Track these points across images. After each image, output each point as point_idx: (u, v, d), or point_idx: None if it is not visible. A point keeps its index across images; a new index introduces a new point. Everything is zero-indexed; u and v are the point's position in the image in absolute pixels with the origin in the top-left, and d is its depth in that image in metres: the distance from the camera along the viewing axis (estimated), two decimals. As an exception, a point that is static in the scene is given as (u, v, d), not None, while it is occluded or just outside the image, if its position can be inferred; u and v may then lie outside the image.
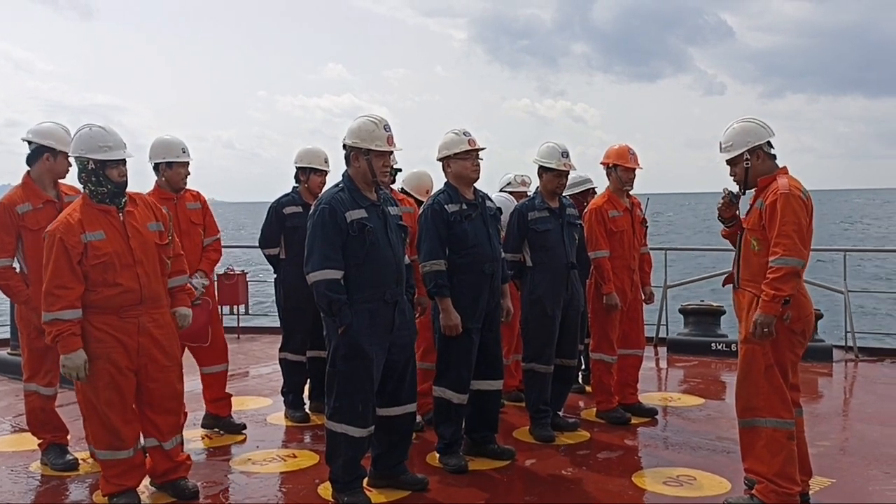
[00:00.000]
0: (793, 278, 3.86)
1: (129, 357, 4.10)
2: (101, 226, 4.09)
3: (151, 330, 4.16)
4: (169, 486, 4.36)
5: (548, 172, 5.43)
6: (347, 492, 4.18)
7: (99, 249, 4.03)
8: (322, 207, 4.17)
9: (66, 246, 3.98)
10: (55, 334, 3.96)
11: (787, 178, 4.02)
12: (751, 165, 4.12)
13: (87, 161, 4.11)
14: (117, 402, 4.10)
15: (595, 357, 5.92)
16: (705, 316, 8.99)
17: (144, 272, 4.14)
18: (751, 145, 4.11)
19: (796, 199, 3.91)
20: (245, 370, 8.02)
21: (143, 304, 4.13)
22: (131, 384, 4.15)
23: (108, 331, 4.06)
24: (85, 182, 4.15)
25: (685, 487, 4.47)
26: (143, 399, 4.21)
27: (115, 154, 4.14)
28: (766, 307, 3.88)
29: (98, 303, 4.04)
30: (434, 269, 4.69)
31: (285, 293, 6.05)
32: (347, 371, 4.13)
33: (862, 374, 7.80)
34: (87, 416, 4.20)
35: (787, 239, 3.86)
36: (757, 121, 4.18)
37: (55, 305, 3.95)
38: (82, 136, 4.16)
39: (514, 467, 4.85)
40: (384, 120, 4.30)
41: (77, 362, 3.96)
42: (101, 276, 4.03)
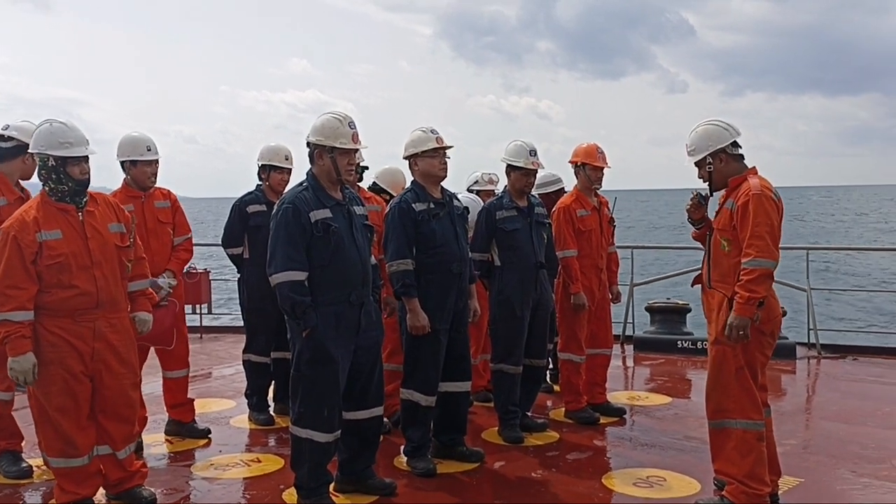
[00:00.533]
0: (766, 280, 3.84)
1: (83, 362, 3.95)
2: (58, 225, 3.93)
3: (108, 335, 4.02)
4: (124, 495, 4.21)
5: (516, 171, 5.37)
6: (313, 498, 4.08)
7: (54, 249, 3.87)
8: (285, 207, 4.05)
9: (20, 244, 3.82)
10: (3, 335, 3.80)
11: (757, 178, 4.00)
12: (713, 169, 4.11)
13: (47, 158, 3.96)
14: (71, 408, 3.95)
15: (563, 357, 5.87)
16: (671, 314, 9.01)
17: (102, 275, 3.99)
18: (712, 149, 4.09)
19: (768, 200, 3.88)
20: (208, 371, 7.86)
21: (99, 307, 3.98)
22: (86, 390, 4.00)
23: (62, 335, 3.91)
24: (45, 179, 3.99)
25: (655, 489, 4.44)
26: (97, 405, 4.06)
27: (76, 151, 3.98)
28: (741, 309, 3.85)
29: (52, 305, 3.89)
30: (401, 268, 4.61)
31: (249, 293, 5.92)
32: (312, 375, 4.03)
33: (825, 372, 7.88)
34: (38, 422, 4.04)
35: (759, 240, 3.83)
36: (720, 123, 4.14)
37: (6, 306, 3.79)
38: (42, 132, 4.00)
39: (483, 470, 4.79)
40: (349, 117, 4.19)
41: (25, 366, 3.80)
42: (56, 277, 3.87)
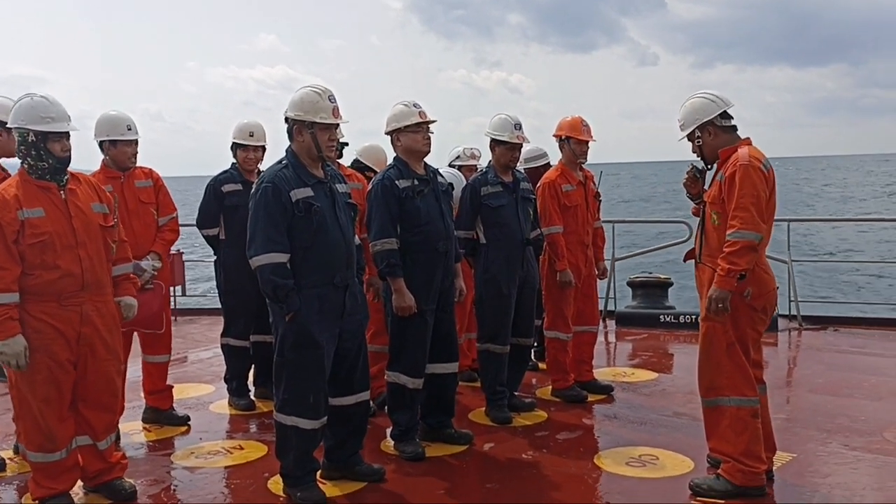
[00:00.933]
0: (749, 252, 3.75)
1: (69, 349, 3.79)
2: (40, 203, 3.75)
3: (94, 319, 3.85)
4: (103, 487, 4.06)
5: (500, 146, 5.23)
6: (300, 486, 3.96)
7: (37, 228, 3.69)
8: (265, 186, 3.88)
9: (1, 223, 3.64)
10: None
11: (747, 148, 3.90)
12: (703, 142, 4.02)
13: (27, 133, 3.78)
14: (55, 398, 3.78)
15: (550, 335, 5.78)
16: (653, 288, 8.98)
17: (87, 255, 3.82)
18: (699, 122, 4.00)
19: (756, 171, 3.79)
20: (184, 355, 7.68)
21: (85, 290, 3.81)
22: (70, 379, 3.83)
23: (48, 320, 3.73)
24: (24, 155, 3.81)
25: (648, 468, 4.37)
26: (78, 393, 3.89)
27: (58, 126, 3.80)
28: (721, 282, 3.77)
29: (36, 288, 3.71)
30: (385, 248, 4.46)
31: (226, 275, 5.76)
32: (296, 360, 3.89)
33: (807, 343, 7.88)
34: (20, 413, 3.87)
35: (744, 212, 3.74)
36: (707, 95, 4.05)
37: None
38: (23, 106, 3.81)
39: (473, 452, 4.69)
40: (329, 90, 4.02)
41: (16, 349, 3.63)
42: (40, 257, 3.69)
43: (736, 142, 3.98)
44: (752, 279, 3.84)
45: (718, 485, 3.90)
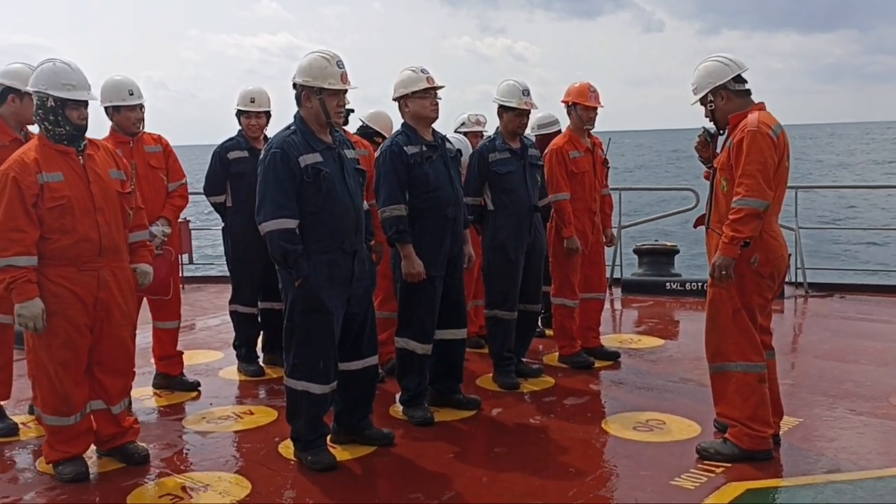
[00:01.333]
0: (753, 220, 3.73)
1: (86, 313, 3.82)
2: (59, 167, 3.77)
3: (111, 284, 3.88)
4: (116, 451, 4.11)
5: (508, 112, 5.20)
6: (311, 450, 4.00)
7: (56, 191, 3.71)
8: (273, 152, 3.87)
9: (21, 186, 3.66)
10: (8, 282, 3.64)
11: (757, 114, 3.87)
12: (715, 106, 3.99)
13: (46, 97, 3.78)
14: (71, 362, 3.82)
15: (557, 302, 5.79)
16: (659, 256, 8.98)
17: (105, 220, 3.84)
18: (712, 86, 3.96)
19: (764, 137, 3.76)
20: (192, 322, 7.72)
21: (102, 255, 3.83)
22: (87, 343, 3.87)
23: (66, 284, 3.75)
24: (42, 120, 3.82)
25: (655, 432, 4.41)
26: (94, 358, 3.93)
27: (77, 94, 3.81)
28: (725, 249, 3.77)
29: (55, 253, 3.73)
30: (394, 214, 4.46)
31: (233, 243, 5.78)
32: (306, 326, 3.91)
33: (813, 310, 7.89)
34: (36, 377, 3.91)
35: (749, 179, 3.73)
36: (720, 58, 4.01)
37: (8, 250, 3.64)
38: (44, 71, 3.81)
39: (481, 417, 4.73)
40: (337, 56, 3.99)
41: (34, 311, 3.66)
42: (58, 221, 3.71)
43: (748, 106, 3.95)
44: (759, 246, 3.84)
45: (725, 448, 3.93)
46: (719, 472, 3.80)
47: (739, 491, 3.60)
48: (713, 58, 4.04)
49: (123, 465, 4.07)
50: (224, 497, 3.68)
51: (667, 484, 3.69)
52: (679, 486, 3.66)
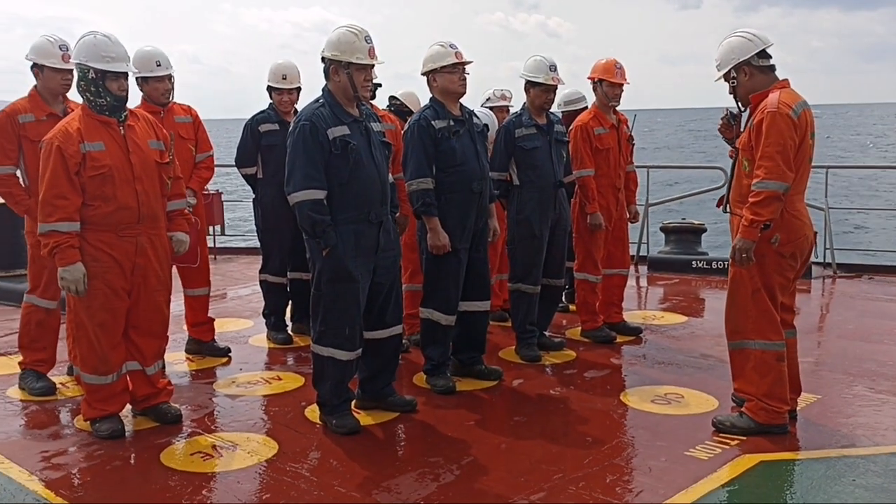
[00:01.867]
0: (773, 202, 3.73)
1: (124, 278, 3.99)
2: (100, 137, 3.92)
3: (148, 251, 4.04)
4: (150, 411, 4.28)
5: (535, 87, 5.24)
6: (336, 415, 4.13)
7: (98, 160, 3.87)
8: (302, 124, 3.97)
9: (64, 155, 3.82)
10: (52, 246, 3.82)
11: (779, 93, 3.84)
12: (738, 83, 3.97)
13: (87, 69, 3.93)
14: (110, 324, 4.00)
15: (579, 277, 5.86)
16: (686, 234, 8.99)
17: (143, 189, 3.99)
18: (735, 62, 3.94)
19: (783, 118, 3.74)
20: (223, 292, 7.90)
21: (141, 222, 4.00)
22: (124, 306, 4.04)
23: (105, 249, 3.92)
24: (83, 91, 3.97)
25: (673, 405, 4.48)
26: (130, 321, 4.11)
27: (117, 66, 3.95)
28: (745, 232, 3.79)
29: (95, 219, 3.90)
30: (421, 187, 4.55)
31: (263, 213, 5.90)
32: (333, 294, 4.02)
33: (841, 291, 7.86)
34: (76, 337, 4.10)
35: (769, 161, 3.72)
36: (744, 34, 3.98)
37: (53, 216, 3.81)
38: (86, 43, 3.96)
39: (502, 387, 4.84)
40: (365, 31, 4.07)
41: (76, 275, 3.83)
42: (100, 189, 3.87)
43: (772, 83, 3.93)
44: (781, 225, 3.85)
45: (741, 422, 4.00)
46: (734, 445, 3.87)
47: (753, 462, 3.67)
48: (737, 33, 4.02)
49: (157, 424, 4.24)
50: (252, 456, 3.83)
51: (681, 454, 3.77)
52: (693, 457, 3.74)
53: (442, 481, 3.53)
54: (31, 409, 4.57)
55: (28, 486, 3.54)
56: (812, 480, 3.50)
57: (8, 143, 4.61)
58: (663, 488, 3.41)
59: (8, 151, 4.62)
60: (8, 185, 4.66)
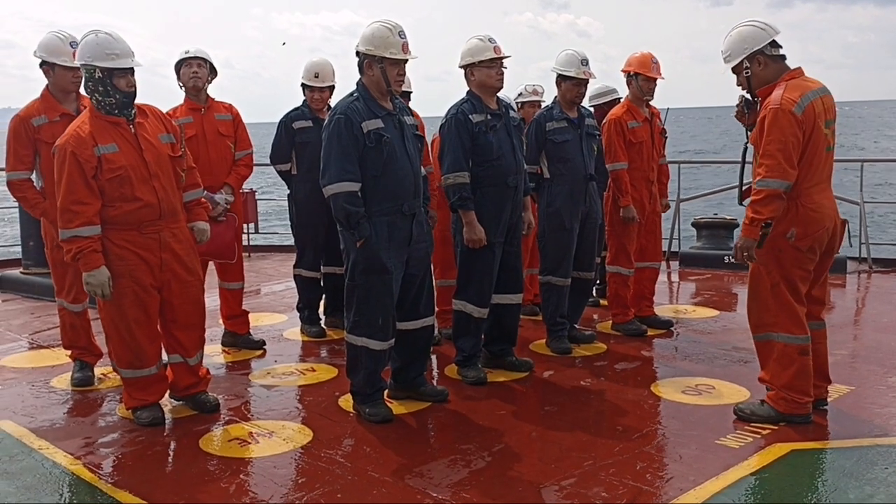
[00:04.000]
0: (774, 201, 3.71)
1: (152, 274, 4.05)
2: (112, 138, 3.96)
3: (172, 245, 4.10)
4: (189, 399, 4.39)
5: (567, 81, 5.27)
6: (369, 403, 4.21)
7: (113, 163, 3.92)
8: (337, 118, 4.05)
9: (79, 160, 3.85)
10: (75, 252, 3.88)
11: (784, 87, 3.78)
12: (752, 73, 3.91)
13: (93, 69, 3.95)
14: (143, 320, 4.08)
15: (612, 270, 5.88)
16: (718, 229, 8.94)
17: (161, 185, 4.05)
18: (748, 52, 3.89)
19: (785, 115, 3.69)
20: (257, 288, 8.03)
21: (162, 218, 4.06)
22: (155, 301, 4.11)
23: (130, 248, 3.99)
24: (92, 91, 4.00)
25: (704, 396, 4.49)
26: (167, 316, 4.19)
27: (122, 62, 3.97)
28: (746, 230, 3.78)
29: (118, 219, 3.96)
30: (458, 181, 4.59)
31: (297, 209, 5.99)
32: (367, 285, 4.10)
33: (876, 285, 7.78)
34: (109, 335, 4.17)
35: (769, 159, 3.70)
36: (755, 23, 3.94)
37: (73, 222, 3.86)
38: (88, 43, 3.98)
39: (533, 379, 4.88)
40: (399, 26, 4.13)
41: (101, 279, 3.89)
42: (118, 190, 3.93)
43: (783, 72, 3.87)
44: (796, 220, 3.82)
45: (762, 410, 4.01)
46: (765, 434, 3.87)
47: (784, 451, 3.67)
48: (747, 23, 3.96)
49: (195, 412, 4.35)
50: (288, 443, 3.92)
51: (712, 443, 3.79)
52: (724, 445, 3.76)
53: (473, 468, 3.59)
54: (76, 398, 4.71)
55: (73, 470, 3.66)
56: (844, 469, 3.50)
57: (23, 149, 4.65)
58: (693, 475, 3.44)
59: (23, 157, 4.66)
60: (23, 190, 4.71)
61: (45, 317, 6.73)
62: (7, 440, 4.04)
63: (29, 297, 7.68)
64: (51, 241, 4.77)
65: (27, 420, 4.32)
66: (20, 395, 4.77)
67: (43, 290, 7.51)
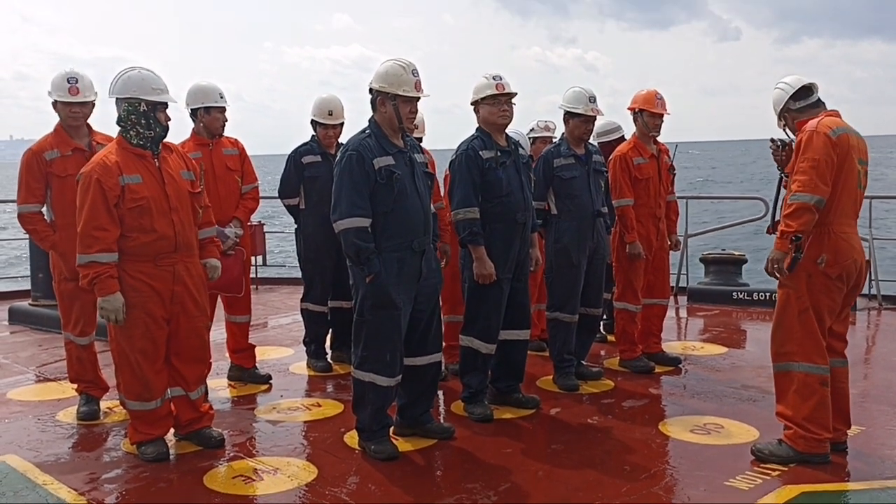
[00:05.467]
0: (804, 213, 3.79)
1: (163, 306, 4.09)
2: (137, 170, 4.05)
3: (185, 278, 4.15)
4: (193, 435, 4.37)
5: (574, 118, 5.31)
6: (374, 440, 4.18)
7: (136, 193, 3.99)
8: (349, 154, 4.09)
9: (104, 187, 3.94)
10: (92, 277, 3.93)
11: (822, 117, 3.96)
12: (788, 126, 4.17)
13: (138, 103, 4.06)
14: (151, 351, 4.10)
15: (619, 306, 5.86)
16: (726, 265, 8.92)
17: (179, 219, 4.11)
18: (778, 112, 4.15)
19: (819, 136, 3.84)
20: (264, 321, 8.03)
21: (177, 251, 4.11)
22: (164, 334, 4.14)
23: (144, 279, 4.04)
24: (133, 124, 4.09)
25: (713, 435, 4.44)
26: (172, 348, 4.21)
27: (166, 97, 4.13)
28: (777, 243, 3.88)
29: (134, 250, 4.02)
30: (468, 216, 4.61)
31: (305, 243, 6.01)
32: (375, 320, 4.09)
33: (886, 323, 7.73)
34: (119, 365, 4.19)
35: (802, 175, 3.82)
36: (779, 85, 4.17)
37: (92, 247, 3.92)
38: (133, 78, 4.10)
39: (540, 416, 4.84)
40: (412, 64, 4.19)
41: (116, 305, 3.95)
42: (138, 220, 3.99)
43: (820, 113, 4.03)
44: (827, 245, 3.87)
45: (780, 450, 3.96)
46: (775, 475, 3.83)
47: (794, 493, 3.62)
48: (777, 86, 4.19)
49: (200, 447, 4.33)
50: (292, 480, 3.89)
51: (721, 484, 3.74)
52: (733, 487, 3.71)
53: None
54: (81, 432, 4.70)
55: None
56: (855, 512, 3.46)
57: (34, 182, 4.73)
58: (703, 518, 3.39)
59: (34, 190, 4.74)
60: (33, 223, 4.78)
61: (53, 349, 6.73)
62: (12, 475, 4.02)
63: (37, 328, 7.70)
64: (58, 274, 4.80)
65: (32, 454, 4.30)
66: (26, 428, 4.77)
67: (51, 321, 7.51)
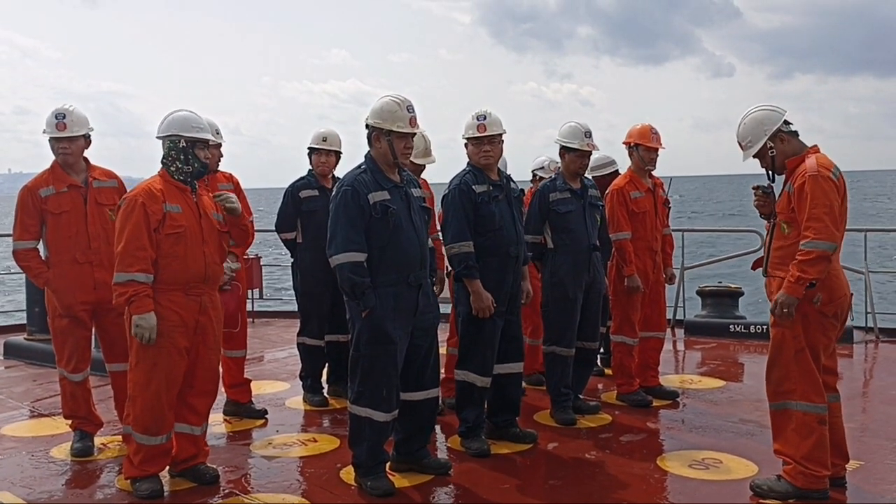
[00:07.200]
0: (822, 262, 3.77)
1: (187, 336, 4.16)
2: (178, 200, 4.19)
3: (210, 310, 4.24)
4: (188, 472, 4.33)
5: (570, 153, 5.35)
6: (371, 476, 4.15)
7: (176, 220, 4.12)
8: (345, 189, 4.11)
9: (148, 212, 4.07)
10: (130, 294, 4.00)
11: (815, 157, 3.93)
12: (776, 151, 4.03)
13: (178, 139, 4.21)
14: (172, 382, 4.14)
15: (616, 339, 5.86)
16: (723, 297, 8.91)
17: (209, 251, 4.23)
18: (769, 133, 4.02)
19: (825, 180, 3.82)
20: (260, 355, 7.99)
21: (206, 282, 4.22)
22: (185, 366, 4.19)
23: (173, 308, 4.10)
24: (173, 160, 4.23)
25: (711, 471, 4.42)
26: (186, 380, 4.23)
27: (205, 134, 4.30)
28: (790, 288, 3.81)
29: (167, 278, 4.10)
30: (462, 250, 4.64)
31: (302, 277, 6.00)
32: (371, 355, 4.09)
33: (883, 356, 7.72)
34: (134, 396, 4.16)
35: (817, 222, 3.77)
36: (765, 107, 4.10)
37: (133, 266, 4.02)
38: (176, 118, 4.28)
39: (537, 451, 4.81)
40: (407, 100, 4.23)
41: (150, 323, 4.00)
42: (173, 248, 4.09)
43: (804, 149, 4.01)
44: (822, 285, 3.86)
45: (779, 486, 3.93)
46: (773, 511, 3.80)
47: (793, 529, 3.60)
48: (758, 108, 4.11)
49: (194, 484, 4.29)
50: (288, 517, 3.85)
51: (720, 520, 3.71)
52: (733, 523, 3.68)
53: (477, 544, 3.52)
54: (75, 469, 4.65)
55: (69, 544, 3.60)
56: (855, 548, 3.42)
57: (29, 219, 4.75)
58: (702, 554, 3.36)
59: (29, 227, 4.75)
60: (27, 259, 4.79)
61: (48, 384, 6.69)
62: (4, 513, 3.98)
63: (32, 363, 7.66)
64: (52, 310, 4.79)
65: (25, 492, 4.26)
66: (19, 465, 4.72)
67: (46, 356, 7.47)
